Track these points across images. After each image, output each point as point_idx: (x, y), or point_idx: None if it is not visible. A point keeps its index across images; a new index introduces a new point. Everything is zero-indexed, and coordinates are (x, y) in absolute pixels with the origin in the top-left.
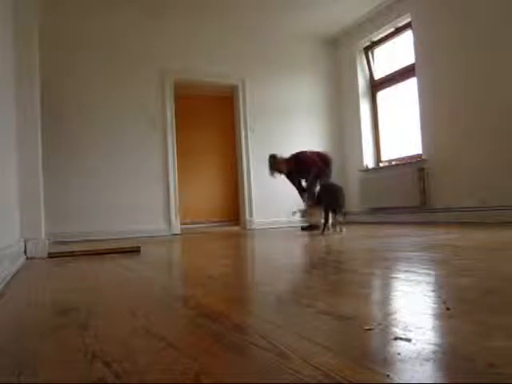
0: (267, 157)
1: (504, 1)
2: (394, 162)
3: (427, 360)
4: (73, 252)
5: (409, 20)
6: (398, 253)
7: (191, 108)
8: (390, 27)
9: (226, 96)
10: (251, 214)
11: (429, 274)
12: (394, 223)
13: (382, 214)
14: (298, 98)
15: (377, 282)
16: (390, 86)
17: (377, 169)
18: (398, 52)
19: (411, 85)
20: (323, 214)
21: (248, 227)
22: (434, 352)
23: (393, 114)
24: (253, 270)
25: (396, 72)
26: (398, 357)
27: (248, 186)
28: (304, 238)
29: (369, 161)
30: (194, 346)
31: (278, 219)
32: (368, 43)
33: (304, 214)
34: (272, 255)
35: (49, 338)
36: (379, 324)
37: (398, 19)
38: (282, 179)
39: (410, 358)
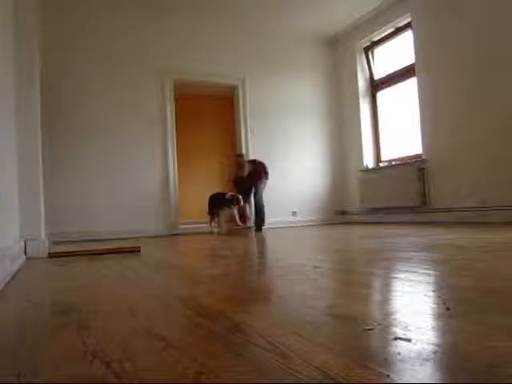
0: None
1: (504, 0)
2: (393, 162)
3: (427, 360)
4: (73, 252)
5: (409, 20)
6: (398, 253)
7: (191, 108)
8: (390, 27)
9: (226, 96)
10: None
11: (429, 274)
12: (394, 223)
13: (382, 213)
14: (298, 97)
15: (377, 282)
16: (389, 86)
17: (377, 169)
18: (398, 52)
19: (411, 85)
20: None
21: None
22: (434, 352)
23: (393, 114)
24: (255, 270)
25: (396, 72)
26: (398, 357)
27: None
28: (302, 236)
29: (369, 161)
30: (193, 346)
31: (278, 219)
32: (368, 43)
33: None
34: (273, 255)
35: (49, 338)
36: (379, 324)
37: (398, 19)
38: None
39: (409, 357)
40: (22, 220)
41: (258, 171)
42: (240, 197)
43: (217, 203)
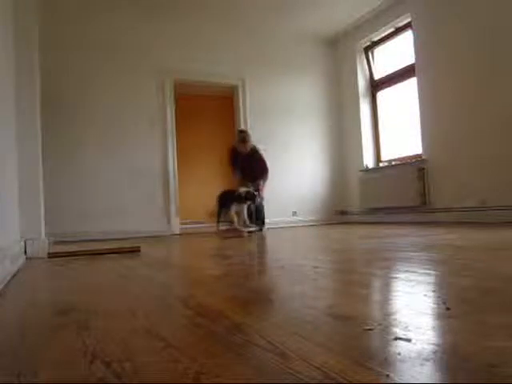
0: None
1: (504, 0)
2: (393, 162)
3: (427, 360)
4: (73, 252)
5: (409, 20)
6: (398, 253)
7: (191, 108)
8: (390, 27)
9: (226, 96)
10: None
11: (429, 274)
12: (394, 223)
13: (382, 213)
14: (298, 97)
15: (377, 282)
16: (389, 86)
17: (377, 169)
18: (398, 52)
19: (411, 85)
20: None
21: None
22: (434, 352)
23: (393, 113)
24: (255, 270)
25: (396, 72)
26: (398, 357)
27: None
28: (300, 236)
29: (369, 161)
30: (193, 346)
31: (278, 219)
32: (368, 43)
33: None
34: (273, 255)
35: (49, 338)
36: (379, 324)
37: (398, 19)
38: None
39: (409, 357)
40: (22, 220)
41: (260, 165)
42: (256, 193)
43: (228, 201)
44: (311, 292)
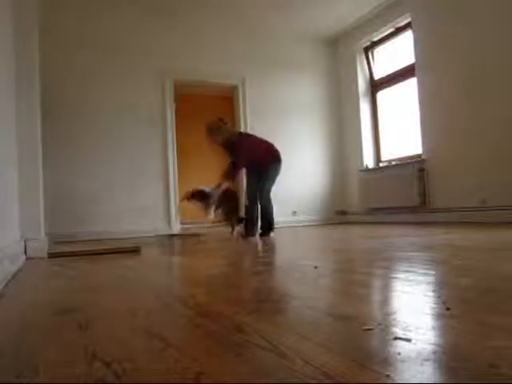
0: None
1: (504, 1)
2: (393, 162)
3: (427, 360)
4: (73, 252)
5: (409, 20)
6: (398, 253)
7: (191, 108)
8: (390, 27)
9: (226, 96)
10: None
11: (428, 274)
12: (393, 223)
13: (381, 213)
14: (298, 97)
15: (377, 282)
16: (389, 86)
17: (377, 169)
18: (398, 52)
19: (411, 85)
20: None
21: None
22: (434, 352)
23: (393, 113)
24: (255, 270)
25: (396, 72)
26: (398, 357)
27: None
28: (296, 238)
29: (369, 161)
30: (193, 346)
31: (278, 219)
32: (368, 43)
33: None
34: (273, 255)
35: (49, 338)
36: (379, 324)
37: (398, 19)
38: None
39: (409, 357)
40: (22, 220)
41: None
42: (206, 191)
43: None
44: (311, 292)
